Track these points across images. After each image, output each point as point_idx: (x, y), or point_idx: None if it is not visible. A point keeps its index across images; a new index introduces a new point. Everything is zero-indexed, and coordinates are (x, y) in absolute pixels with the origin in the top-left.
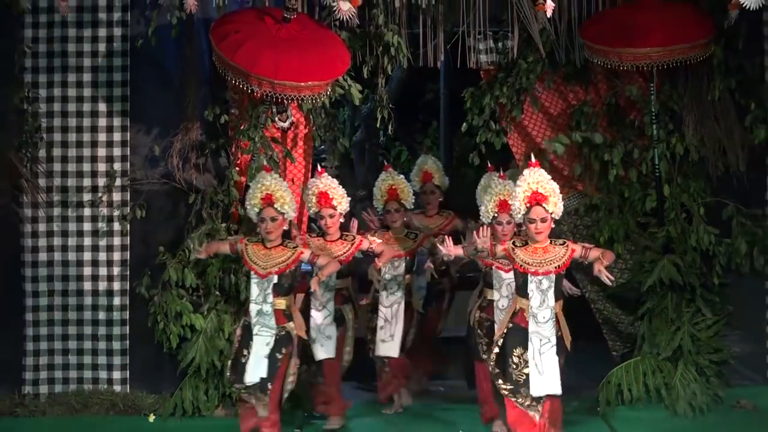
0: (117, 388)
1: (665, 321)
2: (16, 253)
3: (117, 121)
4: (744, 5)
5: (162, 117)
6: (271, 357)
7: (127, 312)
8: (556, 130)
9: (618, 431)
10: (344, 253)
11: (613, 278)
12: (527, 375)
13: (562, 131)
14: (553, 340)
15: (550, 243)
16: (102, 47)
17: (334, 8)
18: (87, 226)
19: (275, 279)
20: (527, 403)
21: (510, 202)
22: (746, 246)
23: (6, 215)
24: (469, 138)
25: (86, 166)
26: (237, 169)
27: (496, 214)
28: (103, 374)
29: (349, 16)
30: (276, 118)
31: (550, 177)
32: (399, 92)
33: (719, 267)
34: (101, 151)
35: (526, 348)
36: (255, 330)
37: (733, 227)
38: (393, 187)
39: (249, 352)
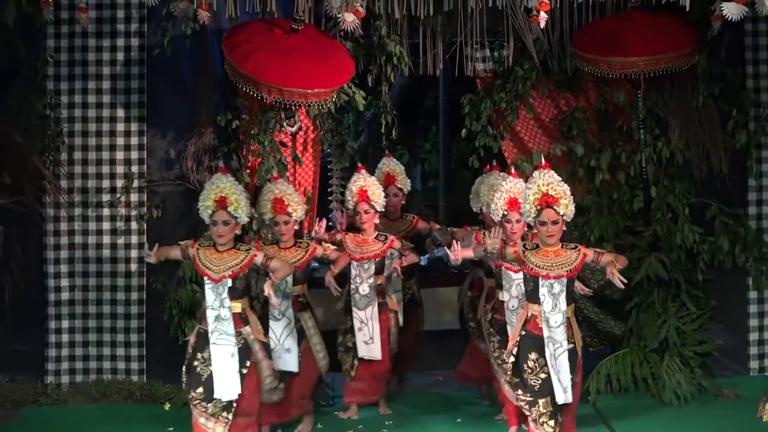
0: (134, 378)
1: (652, 315)
2: (40, 250)
3: (134, 126)
4: (726, 17)
5: (177, 122)
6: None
7: (144, 306)
8: (548, 135)
9: (607, 419)
10: (298, 260)
11: (626, 281)
12: (543, 380)
13: (553, 136)
14: (566, 345)
15: (562, 246)
16: (120, 56)
17: (340, 19)
18: (106, 225)
19: (230, 283)
20: (545, 411)
21: (520, 203)
22: (728, 244)
23: (30, 215)
24: (468, 142)
25: (105, 169)
26: (247, 171)
27: (505, 212)
28: (121, 365)
29: (353, 27)
30: (284, 124)
31: (560, 179)
32: (401, 99)
33: (703, 264)
34: (119, 155)
35: (541, 353)
36: (213, 338)
37: (716, 226)
38: (364, 188)
39: (206, 360)
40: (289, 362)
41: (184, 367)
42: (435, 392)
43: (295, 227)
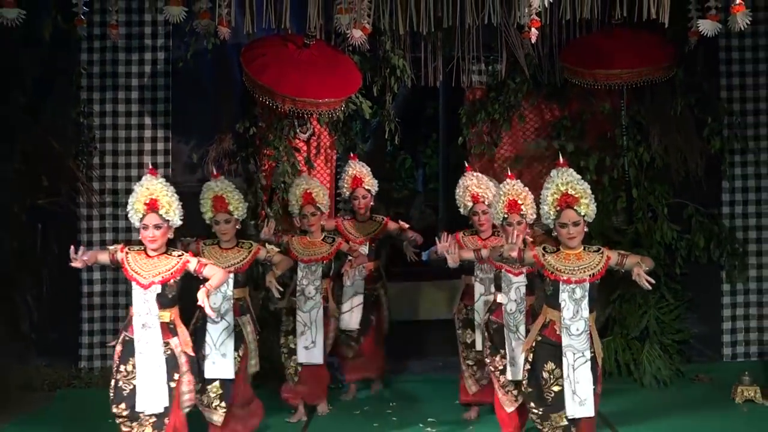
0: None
1: (634, 305)
2: (75, 244)
3: (160, 133)
4: (702, 33)
5: (199, 129)
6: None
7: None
8: (537, 138)
9: None
10: (240, 261)
11: (653, 282)
12: (556, 393)
13: (543, 141)
14: (588, 354)
15: (584, 249)
16: (147, 69)
17: (348, 35)
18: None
19: (158, 289)
20: (557, 426)
21: (520, 204)
22: (704, 241)
23: (65, 214)
24: (464, 149)
25: (134, 172)
26: (263, 174)
27: (506, 215)
28: None
29: (360, 42)
30: (298, 130)
31: (580, 177)
32: (403, 108)
33: (680, 259)
34: (146, 159)
35: (558, 364)
36: (139, 347)
37: (693, 225)
38: (308, 191)
39: (129, 374)
40: (225, 368)
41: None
42: (435, 377)
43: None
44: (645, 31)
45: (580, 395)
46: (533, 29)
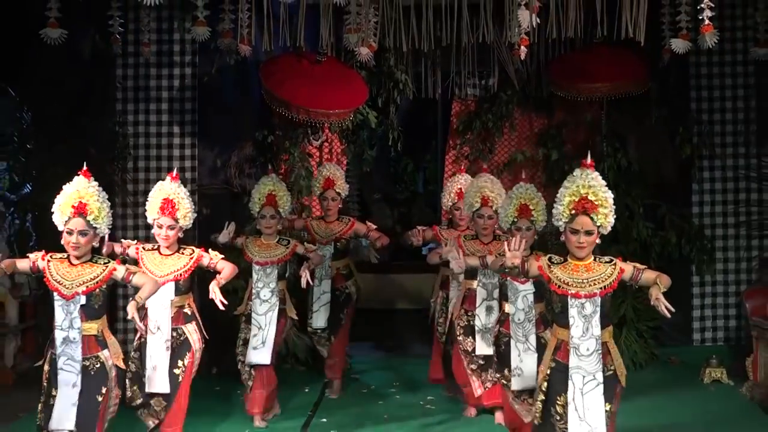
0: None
1: (612, 295)
2: (111, 240)
3: (188, 140)
4: (674, 50)
5: (222, 137)
6: (89, 401)
7: (196, 289)
8: (528, 148)
9: None
10: (181, 268)
11: (673, 310)
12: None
13: (530, 147)
14: (600, 377)
15: (594, 260)
16: (176, 83)
17: (356, 53)
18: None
19: (83, 300)
20: None
21: (531, 209)
22: (676, 237)
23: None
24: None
25: (164, 175)
26: (280, 176)
27: (515, 219)
28: None
29: (367, 59)
30: (311, 138)
31: (605, 183)
32: (405, 118)
33: (654, 254)
34: (175, 163)
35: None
36: (60, 363)
37: (666, 223)
38: (272, 192)
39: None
40: (158, 382)
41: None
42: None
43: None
44: (623, 49)
45: (590, 423)
46: (522, 47)
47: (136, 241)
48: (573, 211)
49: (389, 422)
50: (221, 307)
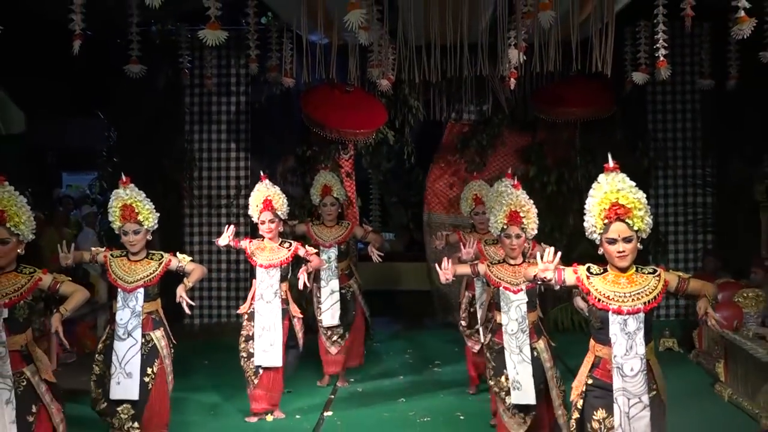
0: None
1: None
2: (181, 235)
3: (242, 155)
4: (635, 81)
5: (270, 152)
6: (21, 422)
7: (249, 273)
8: (515, 161)
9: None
10: (150, 274)
11: (724, 323)
12: None
13: (518, 162)
14: (646, 399)
15: (637, 270)
16: (233, 108)
17: (377, 84)
18: (223, 220)
19: (5, 313)
20: None
21: (521, 217)
22: None
23: (175, 213)
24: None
25: (223, 182)
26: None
27: (505, 226)
28: (232, 311)
29: (386, 89)
30: (341, 152)
31: (634, 184)
32: (418, 136)
33: None
34: (232, 173)
35: (610, 411)
36: None
37: None
38: (268, 198)
39: None
40: (129, 389)
41: None
42: (440, 332)
43: (148, 237)
44: (593, 80)
45: None
46: (512, 79)
47: (105, 248)
48: (606, 220)
49: (404, 380)
50: (188, 311)
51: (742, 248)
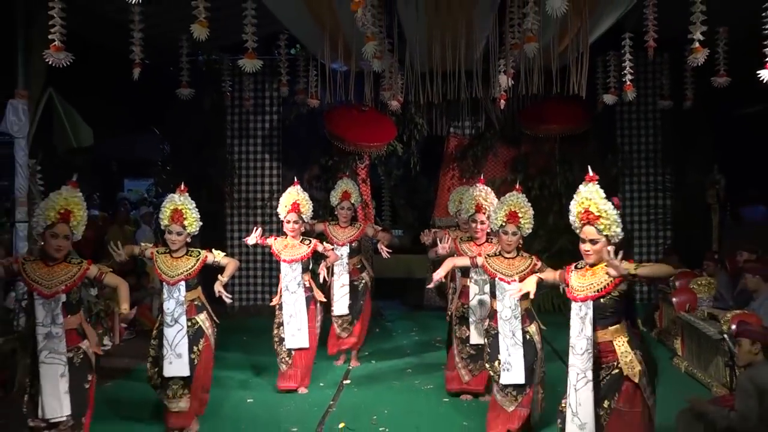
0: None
1: (562, 266)
2: (223, 231)
3: (275, 164)
4: (605, 102)
5: (298, 161)
6: (78, 390)
7: (278, 264)
8: (505, 169)
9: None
10: (190, 268)
11: (617, 262)
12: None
13: (507, 170)
14: (590, 375)
15: (606, 265)
16: (267, 125)
17: (388, 104)
18: (259, 219)
19: (63, 298)
20: None
21: (519, 217)
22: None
23: (219, 213)
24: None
25: (258, 187)
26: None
27: (503, 224)
28: (266, 296)
29: (395, 109)
30: (358, 162)
31: (605, 197)
32: (422, 148)
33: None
34: (266, 179)
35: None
36: (42, 357)
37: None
38: (296, 201)
39: (39, 383)
40: (180, 367)
41: (26, 395)
42: (441, 313)
43: (188, 239)
44: (570, 101)
45: (580, 418)
46: (502, 100)
47: (152, 245)
48: (580, 222)
49: (410, 355)
50: (228, 301)
51: (696, 243)
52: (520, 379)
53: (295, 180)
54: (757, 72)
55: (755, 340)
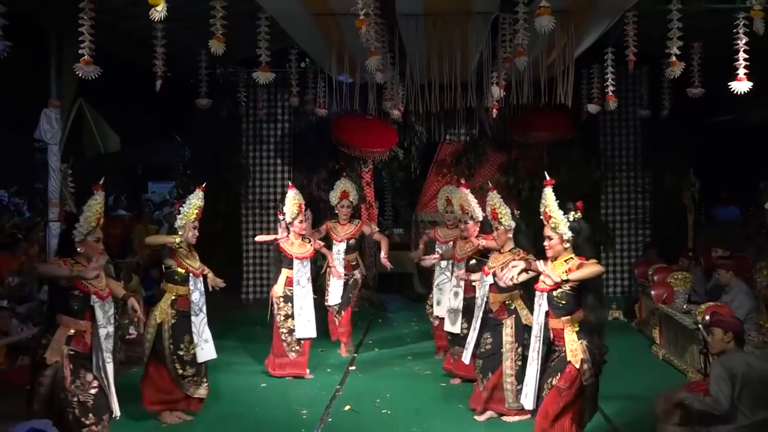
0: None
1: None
2: (239, 230)
3: (286, 168)
4: (589, 111)
5: (307, 166)
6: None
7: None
8: (497, 173)
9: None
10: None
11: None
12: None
13: (499, 174)
14: (534, 355)
15: (566, 261)
16: (279, 132)
17: (390, 113)
18: (272, 218)
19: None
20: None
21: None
22: (589, 229)
23: (234, 213)
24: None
25: (271, 190)
26: None
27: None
28: None
29: (397, 117)
30: (362, 166)
31: (556, 201)
32: (421, 153)
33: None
34: (278, 183)
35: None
36: (105, 356)
37: (584, 219)
38: (301, 204)
39: (86, 385)
40: (210, 351)
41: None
42: None
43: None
44: (557, 110)
45: (526, 388)
46: (494, 109)
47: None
48: (544, 221)
49: (410, 343)
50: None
51: (673, 241)
52: (468, 359)
53: (290, 184)
54: (729, 84)
55: (727, 330)
